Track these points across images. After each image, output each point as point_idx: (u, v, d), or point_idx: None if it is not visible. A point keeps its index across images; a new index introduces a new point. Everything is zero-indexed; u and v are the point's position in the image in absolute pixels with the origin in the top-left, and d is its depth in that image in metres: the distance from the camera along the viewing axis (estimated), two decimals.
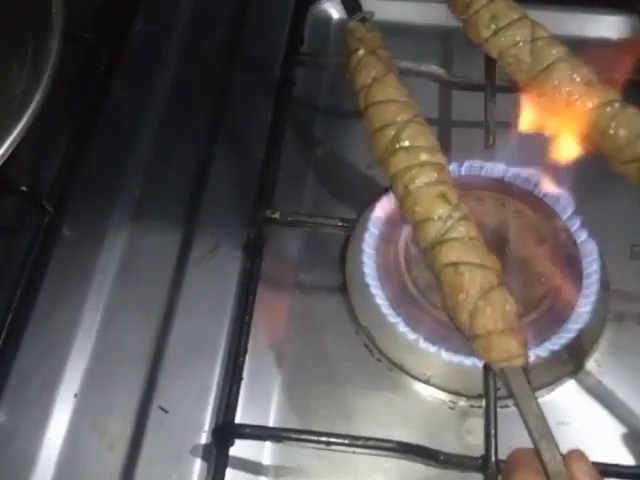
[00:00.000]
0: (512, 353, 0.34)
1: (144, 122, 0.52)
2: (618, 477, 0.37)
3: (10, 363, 0.42)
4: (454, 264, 0.35)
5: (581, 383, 0.42)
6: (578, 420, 0.41)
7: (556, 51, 0.41)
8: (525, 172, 0.46)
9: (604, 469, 0.37)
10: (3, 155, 0.36)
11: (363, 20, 0.43)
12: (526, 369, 0.34)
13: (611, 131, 0.38)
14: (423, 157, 0.38)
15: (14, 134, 0.37)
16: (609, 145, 0.39)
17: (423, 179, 0.37)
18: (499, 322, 0.34)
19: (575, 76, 0.40)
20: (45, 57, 0.40)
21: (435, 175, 0.37)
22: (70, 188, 0.48)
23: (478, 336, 0.34)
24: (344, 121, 0.53)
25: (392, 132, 0.38)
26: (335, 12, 0.58)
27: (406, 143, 0.38)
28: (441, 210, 0.36)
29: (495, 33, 0.42)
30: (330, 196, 0.50)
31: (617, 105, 0.39)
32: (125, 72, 0.54)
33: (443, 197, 0.36)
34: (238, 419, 0.39)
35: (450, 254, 0.35)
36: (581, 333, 0.41)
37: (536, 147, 0.43)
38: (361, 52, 0.41)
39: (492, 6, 0.43)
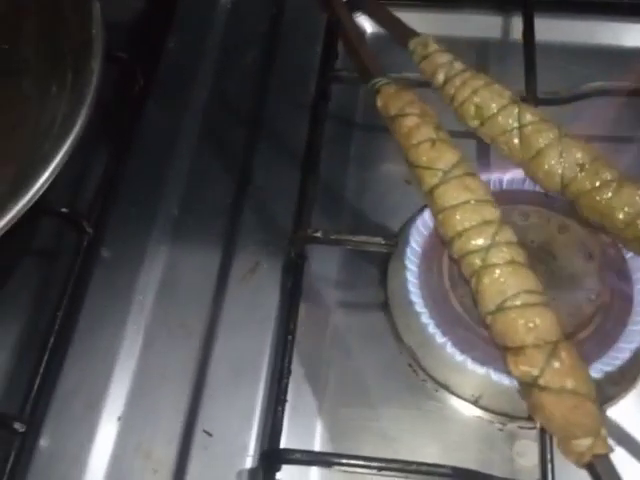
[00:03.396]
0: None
1: (180, 141, 0.52)
2: None
3: (52, 387, 0.41)
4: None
5: (633, 405, 0.41)
6: (628, 445, 0.40)
7: (543, 138, 0.40)
8: None
9: None
10: (48, 179, 0.36)
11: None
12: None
13: (608, 212, 0.38)
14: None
15: (57, 158, 0.37)
16: (610, 225, 0.38)
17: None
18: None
19: (565, 162, 0.39)
20: (87, 78, 0.40)
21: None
22: (108, 209, 0.47)
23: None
24: (381, 136, 0.52)
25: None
26: (369, 26, 0.57)
27: None
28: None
29: (482, 124, 0.42)
30: (369, 212, 0.49)
31: (614, 185, 0.38)
32: (160, 91, 0.54)
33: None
34: (282, 442, 0.38)
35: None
36: (634, 352, 0.39)
37: None
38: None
39: (475, 98, 0.41)
